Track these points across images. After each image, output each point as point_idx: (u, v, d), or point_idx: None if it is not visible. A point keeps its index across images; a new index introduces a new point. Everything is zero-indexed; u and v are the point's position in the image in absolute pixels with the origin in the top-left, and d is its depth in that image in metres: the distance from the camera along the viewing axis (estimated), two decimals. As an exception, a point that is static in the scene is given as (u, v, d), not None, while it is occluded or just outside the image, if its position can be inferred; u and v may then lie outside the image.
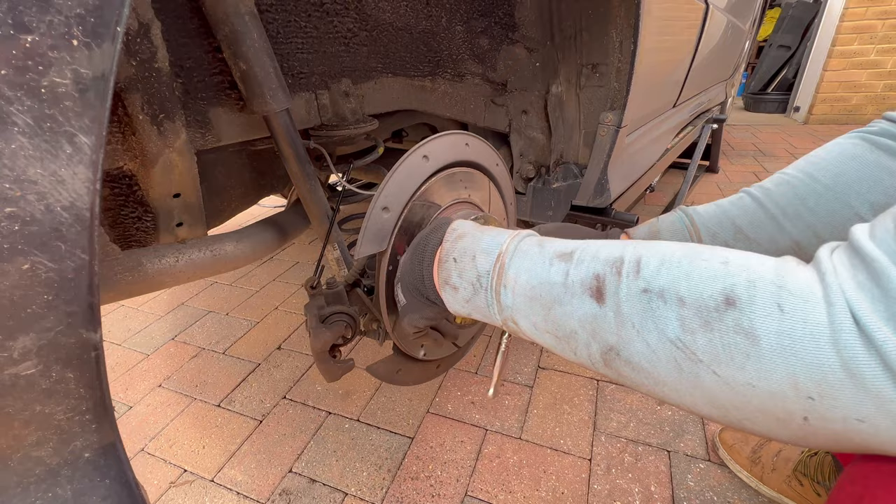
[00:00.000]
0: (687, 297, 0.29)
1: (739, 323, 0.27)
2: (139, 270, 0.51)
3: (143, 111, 0.47)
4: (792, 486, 0.79)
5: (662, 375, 0.31)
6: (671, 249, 0.33)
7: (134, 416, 1.10)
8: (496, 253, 0.40)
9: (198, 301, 1.61)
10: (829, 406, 0.25)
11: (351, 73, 0.73)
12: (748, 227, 0.52)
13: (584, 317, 0.34)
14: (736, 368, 0.27)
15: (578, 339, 0.35)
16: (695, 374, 0.29)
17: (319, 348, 0.59)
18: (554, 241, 0.40)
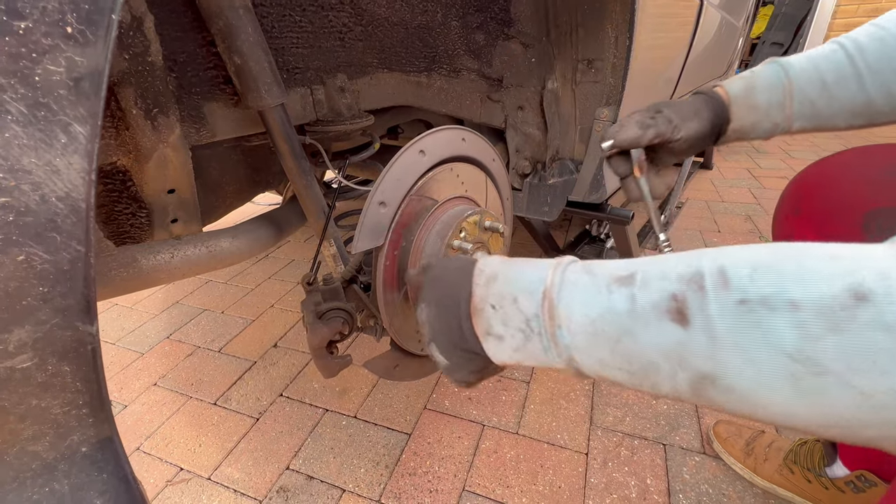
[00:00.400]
0: (802, 300, 0.25)
1: (877, 319, 0.23)
2: (134, 267, 0.51)
3: (136, 105, 0.46)
4: (783, 474, 0.80)
5: (770, 397, 0.26)
6: (755, 253, 0.29)
7: (129, 415, 1.10)
8: (541, 290, 0.35)
9: (192, 299, 1.60)
10: None
11: (346, 68, 0.73)
12: (834, 84, 0.50)
13: (667, 345, 0.29)
14: (878, 374, 0.23)
15: (660, 372, 0.30)
16: (818, 390, 0.25)
17: (317, 344, 0.59)
18: (604, 264, 0.35)
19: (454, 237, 0.60)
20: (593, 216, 1.06)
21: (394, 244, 0.58)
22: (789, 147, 3.05)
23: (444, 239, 0.59)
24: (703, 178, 2.52)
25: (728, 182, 2.44)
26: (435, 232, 0.61)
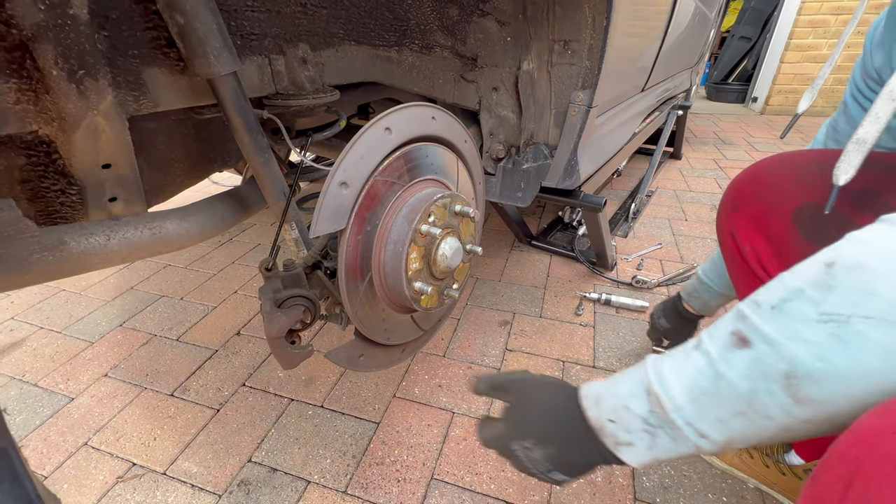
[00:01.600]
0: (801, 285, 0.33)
1: (845, 266, 0.32)
2: (61, 250, 0.45)
3: (57, 66, 0.40)
4: (743, 459, 0.83)
5: (839, 362, 0.31)
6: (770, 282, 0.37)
7: (76, 409, 1.03)
8: (644, 390, 0.39)
9: (148, 285, 1.51)
10: None
11: (309, 38, 0.68)
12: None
13: (747, 368, 0.34)
14: (872, 297, 0.30)
15: (759, 395, 0.34)
16: (856, 335, 0.30)
17: (274, 334, 0.55)
18: (680, 347, 0.40)
19: (422, 221, 0.57)
20: (566, 202, 1.05)
21: (357, 228, 0.54)
22: (754, 139, 3.15)
23: (411, 223, 0.56)
24: (672, 168, 2.57)
25: (696, 172, 2.50)
26: (402, 216, 0.57)
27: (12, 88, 0.41)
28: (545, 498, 0.81)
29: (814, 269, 0.33)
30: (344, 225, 0.51)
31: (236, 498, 0.82)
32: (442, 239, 0.60)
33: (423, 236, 0.57)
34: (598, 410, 0.42)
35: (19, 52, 0.40)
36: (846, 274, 0.31)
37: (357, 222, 0.53)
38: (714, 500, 0.80)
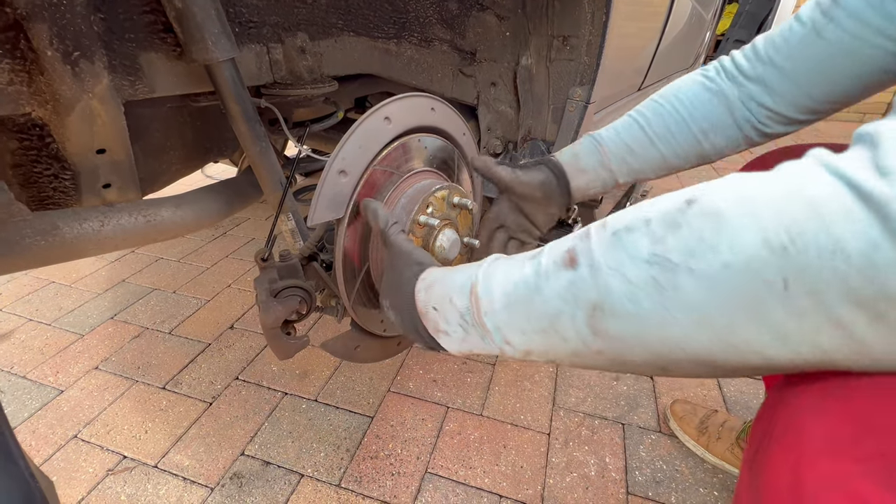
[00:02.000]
0: (652, 216, 0.31)
1: (702, 208, 0.28)
2: (55, 235, 0.44)
3: (52, 46, 0.40)
4: (734, 452, 0.84)
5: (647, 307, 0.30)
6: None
7: (65, 401, 1.01)
8: (469, 286, 0.40)
9: (141, 278, 1.49)
10: (802, 248, 0.24)
11: (308, 27, 0.67)
12: (635, 146, 0.64)
13: (563, 288, 0.34)
14: (709, 251, 0.27)
15: (563, 316, 0.34)
16: (673, 286, 0.28)
17: (270, 324, 0.55)
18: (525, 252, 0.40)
19: (420, 212, 0.57)
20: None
21: (355, 218, 0.54)
22: (747, 142, 3.19)
23: (409, 214, 0.56)
24: (667, 169, 2.60)
25: (689, 172, 2.52)
26: (400, 206, 0.57)
27: (5, 69, 0.40)
28: (538, 492, 0.81)
29: (673, 201, 0.31)
30: (342, 214, 0.51)
31: (229, 491, 0.82)
32: (440, 230, 0.60)
33: (420, 227, 0.57)
34: (426, 296, 0.43)
35: (13, 31, 0.39)
36: (698, 217, 0.28)
37: (356, 212, 0.52)
38: (705, 494, 0.81)
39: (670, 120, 0.62)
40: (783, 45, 0.54)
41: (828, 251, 0.23)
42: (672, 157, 0.64)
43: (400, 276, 0.47)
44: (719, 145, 0.62)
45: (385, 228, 0.50)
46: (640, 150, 0.64)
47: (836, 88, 0.51)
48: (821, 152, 0.26)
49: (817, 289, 0.24)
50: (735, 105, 0.58)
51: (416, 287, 0.45)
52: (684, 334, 0.29)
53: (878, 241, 0.22)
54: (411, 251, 0.48)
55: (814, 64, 0.51)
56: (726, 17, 4.90)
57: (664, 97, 0.64)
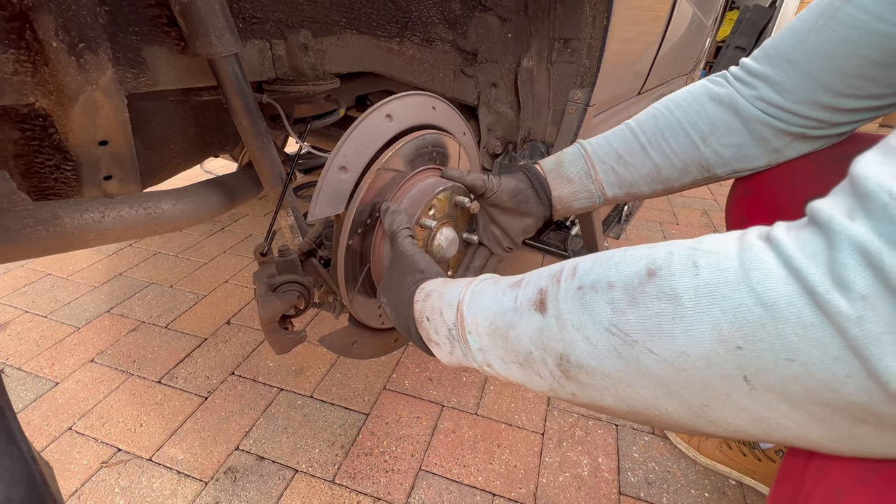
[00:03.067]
0: (616, 281, 0.30)
1: (661, 289, 0.27)
2: (55, 224, 0.45)
3: (57, 37, 0.40)
4: (723, 450, 0.85)
5: (611, 370, 0.30)
6: (607, 251, 0.34)
7: (60, 393, 1.01)
8: (456, 303, 0.41)
9: (138, 272, 1.49)
10: (756, 352, 0.24)
11: (311, 24, 0.67)
12: (626, 154, 0.60)
13: (533, 332, 0.34)
14: (667, 338, 0.27)
15: (535, 359, 0.34)
16: (636, 360, 0.28)
17: (268, 318, 0.55)
18: (510, 277, 0.41)
19: (423, 215, 0.57)
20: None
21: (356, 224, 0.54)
22: (745, 148, 3.20)
23: (413, 217, 0.56)
24: (666, 173, 2.60)
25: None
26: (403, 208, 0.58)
27: (10, 59, 0.41)
28: (531, 490, 0.82)
29: (637, 268, 0.29)
30: (342, 209, 0.51)
31: (223, 485, 0.82)
32: (437, 230, 0.60)
33: (421, 229, 0.58)
34: (423, 306, 0.44)
35: (19, 21, 0.39)
36: (655, 298, 0.27)
37: (356, 216, 0.53)
38: (696, 496, 0.82)
39: (664, 123, 0.58)
40: (792, 36, 0.49)
41: (783, 359, 0.23)
42: (667, 168, 0.58)
43: (401, 279, 0.48)
44: (725, 153, 0.56)
45: (396, 230, 0.51)
46: (631, 157, 0.59)
47: (857, 82, 0.45)
48: (780, 237, 0.25)
49: (781, 390, 0.24)
50: (741, 105, 0.53)
51: (415, 296, 0.45)
52: (655, 400, 0.29)
53: (838, 356, 0.22)
54: (415, 257, 0.49)
55: (828, 48, 0.45)
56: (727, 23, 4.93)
57: (661, 102, 0.60)
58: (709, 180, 0.60)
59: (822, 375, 0.22)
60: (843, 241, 0.22)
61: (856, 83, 0.45)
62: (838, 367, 0.22)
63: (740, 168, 0.56)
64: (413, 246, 0.50)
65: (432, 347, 0.44)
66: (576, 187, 0.62)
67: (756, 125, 0.52)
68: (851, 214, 0.22)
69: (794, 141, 0.52)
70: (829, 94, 0.46)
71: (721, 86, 0.56)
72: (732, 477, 0.84)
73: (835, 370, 0.22)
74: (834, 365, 0.22)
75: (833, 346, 0.22)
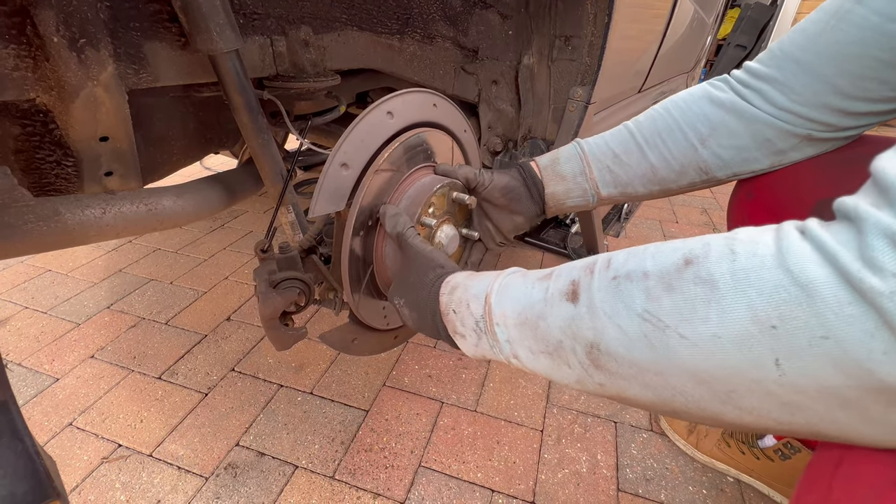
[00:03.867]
0: (651, 270, 0.31)
1: (698, 274, 0.28)
2: (57, 220, 0.45)
3: (58, 32, 0.40)
4: (721, 448, 0.85)
5: (639, 358, 0.30)
6: (640, 246, 0.35)
7: (60, 389, 1.01)
8: (484, 295, 0.41)
9: (138, 268, 1.49)
10: (791, 330, 0.24)
11: (312, 20, 0.67)
12: (623, 154, 0.60)
13: (564, 321, 0.34)
14: (700, 321, 0.27)
15: (565, 347, 0.35)
16: (665, 346, 0.29)
17: (269, 314, 0.55)
18: (540, 270, 0.41)
19: (423, 214, 0.57)
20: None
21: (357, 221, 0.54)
22: (745, 146, 3.19)
23: (413, 216, 0.57)
24: (666, 171, 2.60)
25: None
26: (403, 208, 0.58)
27: (11, 54, 0.41)
28: (530, 487, 0.82)
29: (673, 258, 0.30)
30: (343, 206, 0.51)
31: (223, 481, 0.82)
32: (438, 227, 0.60)
33: (422, 227, 0.58)
34: (449, 298, 0.44)
35: (20, 17, 0.39)
36: (692, 283, 0.28)
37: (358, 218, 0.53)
38: (694, 493, 0.82)
39: (661, 124, 0.58)
40: (802, 37, 0.48)
41: (818, 337, 0.24)
42: (663, 168, 0.58)
43: (421, 277, 0.48)
44: (725, 155, 0.55)
45: (403, 231, 0.51)
46: (627, 157, 0.59)
47: (868, 84, 0.44)
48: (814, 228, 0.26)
49: (813, 372, 0.24)
50: (743, 108, 0.52)
51: (441, 290, 0.46)
52: (682, 387, 0.29)
53: (874, 331, 0.22)
54: (432, 254, 0.49)
55: (839, 50, 0.44)
56: (728, 21, 4.92)
57: (661, 104, 0.60)
58: (708, 183, 0.59)
59: (857, 353, 0.23)
60: (871, 228, 0.23)
61: (867, 85, 0.44)
62: (875, 343, 0.22)
63: (741, 171, 0.56)
64: (425, 243, 0.51)
65: (457, 339, 0.44)
66: (569, 185, 0.62)
67: (759, 127, 0.52)
68: (877, 205, 0.24)
69: (799, 143, 0.51)
70: (838, 97, 0.46)
71: (722, 89, 0.55)
72: (730, 474, 0.85)
73: (872, 346, 0.22)
74: (871, 341, 0.22)
75: (869, 322, 0.22)
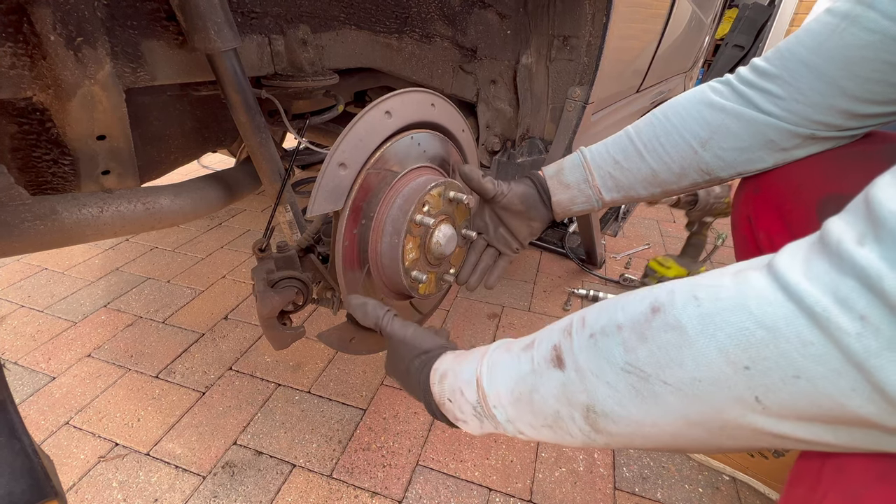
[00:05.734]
0: (623, 322, 0.32)
1: (666, 321, 0.29)
2: (53, 219, 0.45)
3: (55, 31, 0.40)
4: (718, 449, 0.86)
5: (633, 412, 0.31)
6: (609, 298, 0.36)
7: (57, 388, 1.01)
8: (475, 379, 0.41)
9: (135, 267, 1.49)
10: (763, 370, 0.25)
11: (310, 19, 0.67)
12: (622, 159, 0.60)
13: (556, 389, 0.35)
14: (677, 366, 0.28)
15: (563, 417, 0.35)
16: (653, 394, 0.29)
17: (267, 314, 0.55)
18: (521, 339, 0.41)
19: (417, 212, 0.57)
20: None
21: (352, 222, 0.54)
22: (742, 146, 3.20)
23: (406, 214, 0.56)
24: (663, 171, 2.61)
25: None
26: (397, 207, 0.58)
27: (8, 52, 0.40)
28: (527, 485, 0.83)
29: (640, 308, 0.31)
30: (341, 206, 0.51)
31: (221, 479, 0.82)
32: (435, 227, 0.61)
33: (417, 226, 0.58)
34: (441, 388, 0.44)
35: (17, 15, 0.39)
36: (661, 331, 0.29)
37: (352, 216, 0.53)
38: (690, 491, 0.83)
39: (660, 129, 0.58)
40: (810, 38, 0.47)
41: (790, 376, 0.24)
42: (664, 172, 0.59)
43: (408, 366, 0.48)
44: (727, 157, 0.55)
45: (378, 322, 0.51)
46: (628, 163, 0.60)
47: (878, 87, 0.43)
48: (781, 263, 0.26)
49: (791, 405, 0.25)
50: (744, 109, 0.52)
51: (431, 379, 0.46)
52: (678, 431, 0.30)
53: (841, 370, 0.23)
54: (413, 338, 0.49)
55: (849, 53, 0.43)
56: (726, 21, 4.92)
57: (660, 108, 0.60)
58: (711, 182, 0.59)
59: (828, 390, 0.23)
60: (849, 268, 0.23)
61: (875, 88, 0.44)
62: (843, 381, 0.23)
63: (744, 170, 0.56)
64: (403, 327, 0.51)
65: (460, 425, 0.44)
66: (573, 192, 0.64)
67: (761, 128, 0.51)
68: (861, 239, 0.23)
69: (804, 142, 0.51)
70: (846, 99, 0.45)
71: (722, 92, 0.55)
72: (726, 473, 0.85)
73: (840, 384, 0.23)
74: (838, 379, 0.23)
75: (834, 361, 0.23)
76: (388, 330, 0.51)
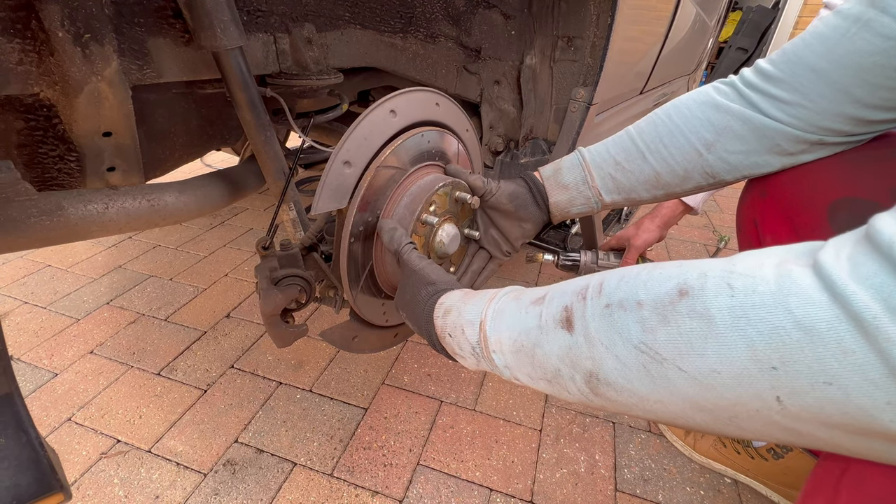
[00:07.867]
0: (645, 299, 0.30)
1: (693, 308, 0.27)
2: (59, 215, 0.45)
3: (63, 27, 0.40)
4: (718, 448, 0.86)
5: (639, 388, 0.30)
6: (632, 268, 0.34)
7: (59, 384, 1.01)
8: (478, 322, 0.41)
9: (137, 264, 1.49)
10: (792, 373, 0.23)
11: (315, 18, 0.67)
12: (624, 161, 0.59)
13: (561, 350, 0.34)
14: (697, 356, 0.27)
15: (563, 376, 0.35)
16: (664, 377, 0.28)
17: (270, 312, 0.55)
18: (532, 290, 0.41)
19: (424, 212, 0.57)
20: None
21: (358, 220, 0.54)
22: (745, 149, 3.20)
23: (413, 213, 0.57)
24: (666, 173, 2.60)
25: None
26: (403, 205, 0.58)
27: (16, 49, 0.41)
28: (528, 486, 0.83)
29: (667, 287, 0.29)
30: (345, 204, 0.51)
31: (222, 477, 0.82)
32: (439, 227, 0.61)
33: (423, 226, 0.58)
34: (444, 322, 0.44)
35: (25, 11, 0.39)
36: (687, 317, 0.27)
37: (357, 214, 0.53)
38: (692, 493, 0.82)
39: (663, 130, 0.56)
40: (818, 43, 0.45)
41: (821, 382, 0.23)
42: (667, 174, 0.57)
43: (415, 295, 0.49)
44: (732, 160, 0.53)
45: (398, 248, 0.51)
46: (629, 164, 0.58)
47: (889, 94, 0.42)
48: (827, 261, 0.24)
49: (816, 411, 0.24)
50: (751, 113, 0.50)
51: (434, 312, 0.46)
52: (683, 412, 0.29)
53: (878, 381, 0.21)
54: (424, 270, 0.49)
55: (860, 59, 0.42)
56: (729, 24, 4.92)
57: (662, 109, 0.58)
58: (715, 185, 0.58)
59: (860, 400, 0.22)
60: None
61: (886, 95, 0.42)
62: (879, 393, 0.22)
63: (750, 173, 0.55)
64: (419, 258, 0.51)
65: (458, 360, 0.45)
66: (572, 194, 0.62)
67: (768, 133, 0.50)
68: None
69: (811, 147, 0.50)
70: (856, 106, 0.44)
71: (727, 94, 0.53)
72: (727, 475, 0.85)
73: (875, 396, 0.22)
74: (874, 391, 0.22)
75: (874, 372, 0.21)
76: (405, 258, 0.51)
